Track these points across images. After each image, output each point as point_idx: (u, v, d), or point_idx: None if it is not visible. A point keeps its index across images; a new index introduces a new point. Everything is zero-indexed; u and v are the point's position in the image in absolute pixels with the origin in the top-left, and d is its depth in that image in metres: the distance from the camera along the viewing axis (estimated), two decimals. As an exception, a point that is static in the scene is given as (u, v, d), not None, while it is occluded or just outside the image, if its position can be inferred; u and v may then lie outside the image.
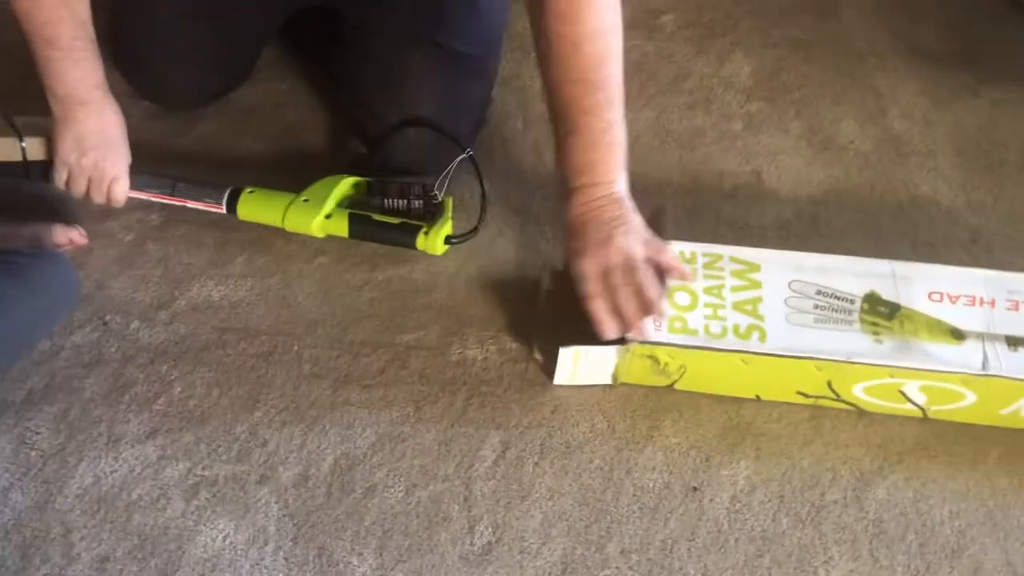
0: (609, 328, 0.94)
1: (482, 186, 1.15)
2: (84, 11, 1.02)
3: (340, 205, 1.12)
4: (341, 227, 1.10)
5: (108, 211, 1.15)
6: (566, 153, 0.95)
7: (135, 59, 1.28)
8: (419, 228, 1.10)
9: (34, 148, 1.09)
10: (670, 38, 1.46)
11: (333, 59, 1.26)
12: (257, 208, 1.12)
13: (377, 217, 1.10)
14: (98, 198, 1.09)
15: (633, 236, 0.95)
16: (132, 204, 1.15)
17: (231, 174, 1.19)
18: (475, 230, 1.13)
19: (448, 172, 1.12)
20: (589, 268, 0.94)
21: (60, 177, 1.08)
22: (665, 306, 0.95)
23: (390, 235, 1.11)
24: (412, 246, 1.11)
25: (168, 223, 1.15)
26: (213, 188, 1.13)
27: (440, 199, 1.11)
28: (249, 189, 1.12)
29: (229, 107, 1.29)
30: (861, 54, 1.45)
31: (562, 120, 0.94)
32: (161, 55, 1.23)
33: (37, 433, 0.96)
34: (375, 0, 1.17)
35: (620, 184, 0.97)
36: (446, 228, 1.11)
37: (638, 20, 1.48)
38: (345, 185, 1.12)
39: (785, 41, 1.47)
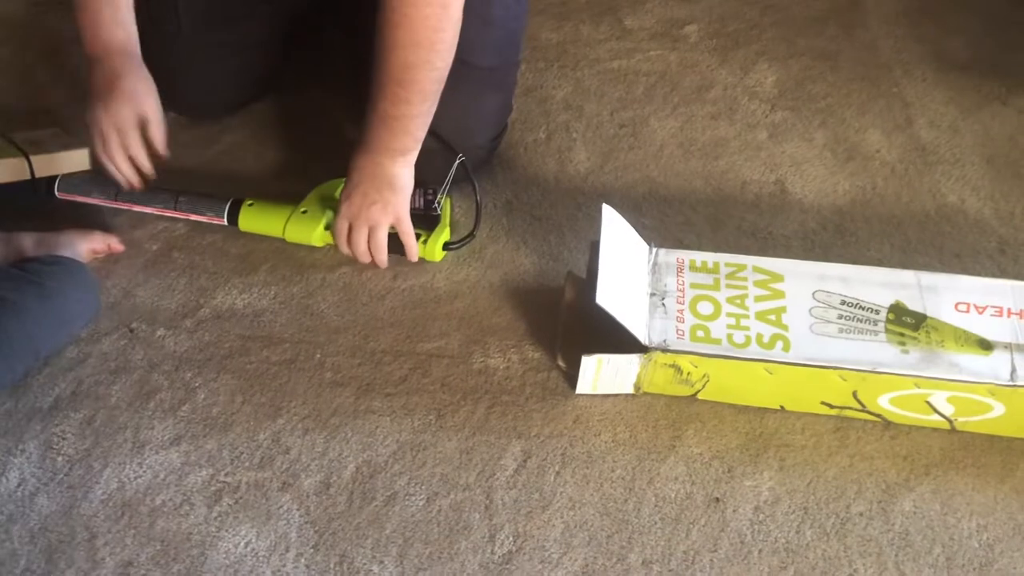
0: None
1: (475, 191, 1.15)
2: None
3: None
4: None
5: (136, 221, 1.17)
6: (365, 120, 1.07)
7: (161, 70, 1.29)
8: (417, 237, 1.11)
9: (41, 165, 1.11)
10: (694, 48, 1.46)
11: (356, 73, 1.28)
12: (257, 220, 1.14)
13: None
14: (135, 150, 1.10)
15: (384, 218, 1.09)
16: (153, 216, 1.16)
17: (257, 183, 1.20)
18: (471, 235, 1.14)
19: (449, 179, 1.13)
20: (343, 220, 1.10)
21: (96, 145, 1.09)
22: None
23: (388, 244, 1.12)
24: None
25: (194, 233, 1.16)
26: (214, 201, 1.14)
27: (438, 205, 1.12)
28: (249, 201, 1.14)
29: (255, 118, 1.31)
30: (888, 63, 1.44)
31: (370, 94, 1.05)
32: (183, 67, 1.25)
33: (63, 439, 0.97)
34: None
35: (397, 164, 1.07)
36: (444, 235, 1.13)
37: (662, 30, 1.48)
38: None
39: (810, 50, 1.46)
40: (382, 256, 1.10)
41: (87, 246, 1.11)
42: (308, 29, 1.31)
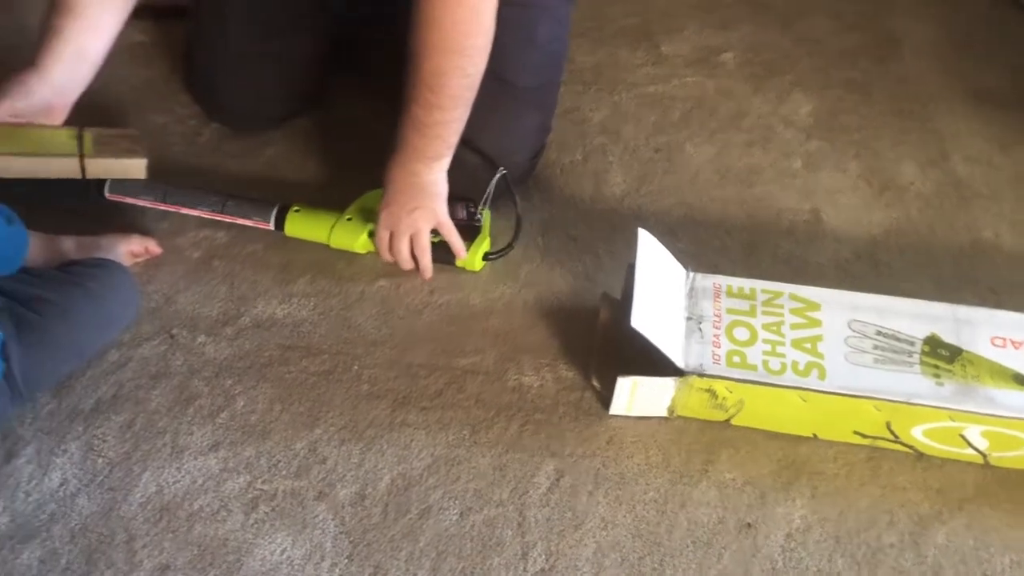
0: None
1: (515, 203, 1.17)
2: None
3: None
4: None
5: (177, 228, 1.19)
6: (399, 127, 1.08)
7: (205, 82, 1.32)
8: None
9: (94, 168, 1.10)
10: (730, 75, 1.47)
11: (398, 85, 1.30)
12: (303, 226, 1.16)
13: None
14: None
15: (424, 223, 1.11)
16: (195, 222, 1.18)
17: (296, 195, 1.22)
18: (510, 246, 1.17)
19: (490, 190, 1.15)
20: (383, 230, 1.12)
21: None
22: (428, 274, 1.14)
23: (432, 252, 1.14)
24: (451, 263, 1.14)
25: (235, 242, 1.18)
26: (261, 206, 1.17)
27: (480, 217, 1.15)
28: (295, 208, 1.16)
29: (298, 131, 1.32)
30: (922, 96, 1.45)
31: (404, 101, 1.07)
32: (229, 78, 1.28)
33: (104, 441, 0.98)
34: None
35: (432, 170, 1.09)
36: (484, 245, 1.15)
37: (698, 57, 1.50)
38: None
39: (844, 82, 1.47)
40: (426, 259, 1.12)
41: (126, 248, 1.13)
42: (355, 45, 1.33)
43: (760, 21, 1.57)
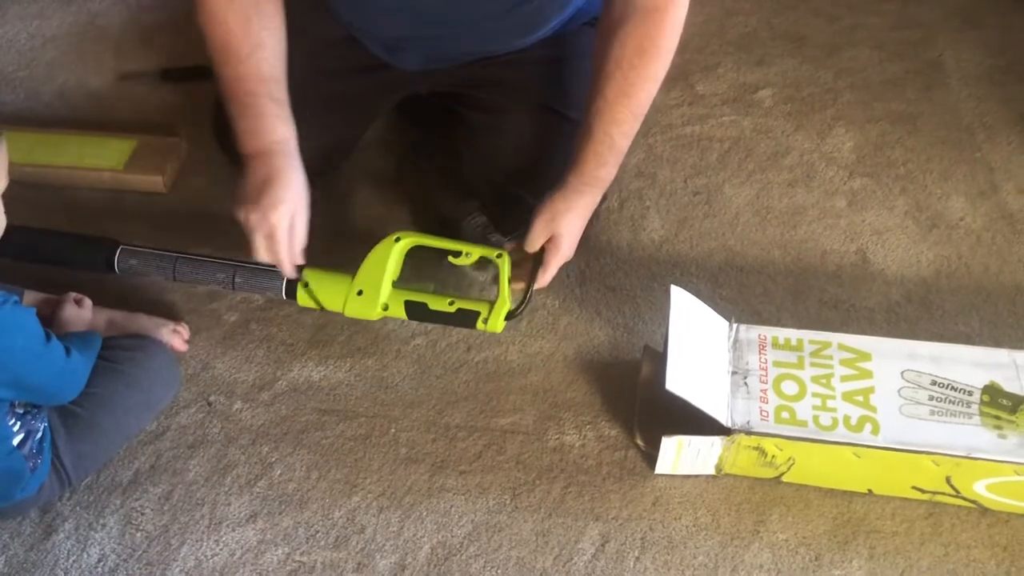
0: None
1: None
2: (268, 70, 1.02)
3: (396, 283, 1.08)
4: (399, 312, 1.06)
5: (215, 293, 1.18)
6: (582, 159, 1.05)
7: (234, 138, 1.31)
8: (477, 315, 1.05)
9: (115, 181, 1.21)
10: (768, 113, 1.44)
11: (456, 135, 1.27)
12: (314, 300, 1.07)
13: (432, 306, 1.06)
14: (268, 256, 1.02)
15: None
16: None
17: (339, 251, 1.17)
18: (526, 300, 1.06)
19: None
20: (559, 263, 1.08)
21: (255, 249, 1.02)
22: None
23: (447, 320, 1.06)
24: (472, 326, 1.05)
25: (271, 304, 1.17)
26: (271, 276, 1.07)
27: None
28: (303, 281, 1.07)
29: (337, 186, 1.31)
30: (970, 127, 1.40)
31: (596, 133, 1.04)
32: None
33: (142, 514, 0.97)
34: (498, 81, 1.19)
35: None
36: (505, 306, 1.04)
37: (734, 95, 1.47)
38: (395, 261, 1.07)
39: (889, 114, 1.43)
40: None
41: (155, 334, 1.09)
42: (397, 101, 1.31)
43: (799, 56, 1.53)
